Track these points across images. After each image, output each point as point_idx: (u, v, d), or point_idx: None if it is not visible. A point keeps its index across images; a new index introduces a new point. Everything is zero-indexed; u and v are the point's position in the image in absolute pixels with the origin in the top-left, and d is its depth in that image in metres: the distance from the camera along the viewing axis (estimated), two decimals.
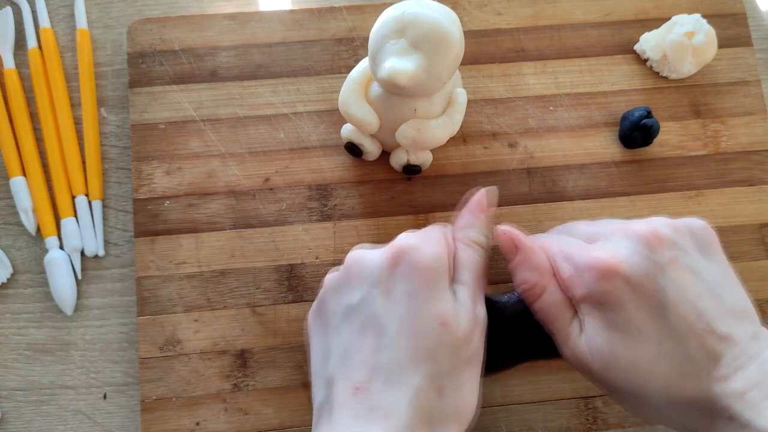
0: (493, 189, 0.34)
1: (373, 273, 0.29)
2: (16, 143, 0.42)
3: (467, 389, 0.28)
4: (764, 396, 0.25)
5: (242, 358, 0.38)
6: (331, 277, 0.31)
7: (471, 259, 0.31)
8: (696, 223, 0.30)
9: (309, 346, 0.31)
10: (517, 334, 0.33)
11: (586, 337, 0.28)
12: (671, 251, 0.28)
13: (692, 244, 0.29)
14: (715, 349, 0.26)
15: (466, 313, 0.28)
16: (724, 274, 0.29)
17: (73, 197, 0.41)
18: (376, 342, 0.28)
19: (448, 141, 0.38)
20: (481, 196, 0.33)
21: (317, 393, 0.29)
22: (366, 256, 0.30)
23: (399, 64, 0.32)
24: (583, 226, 0.32)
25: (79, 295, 0.40)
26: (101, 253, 0.41)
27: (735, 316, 0.27)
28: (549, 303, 0.30)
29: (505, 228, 0.31)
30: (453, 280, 0.30)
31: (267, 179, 0.41)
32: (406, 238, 0.29)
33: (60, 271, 0.40)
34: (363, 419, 0.26)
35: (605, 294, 0.28)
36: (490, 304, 0.32)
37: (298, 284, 0.39)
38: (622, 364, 0.27)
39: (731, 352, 0.26)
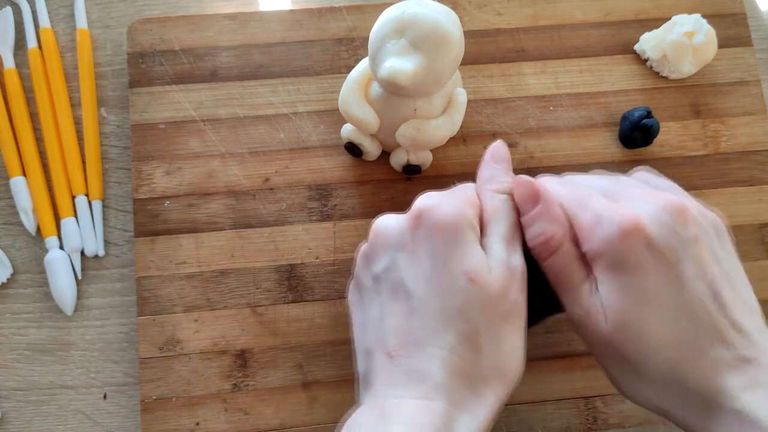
0: (502, 142, 0.33)
1: (396, 238, 0.29)
2: (16, 143, 0.42)
3: (509, 345, 0.27)
4: None
5: (242, 358, 0.38)
6: (361, 250, 0.31)
7: (499, 210, 0.30)
8: (713, 215, 0.29)
9: (351, 322, 0.31)
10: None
11: (601, 296, 0.28)
12: (696, 230, 0.27)
13: (713, 232, 0.28)
14: (727, 334, 0.26)
15: (498, 266, 0.28)
16: (738, 268, 0.29)
17: (73, 197, 0.41)
18: (405, 306, 0.28)
19: (448, 141, 0.38)
20: (497, 147, 0.32)
21: (359, 366, 0.29)
22: (388, 223, 0.30)
23: (399, 64, 0.32)
24: (601, 181, 0.31)
25: (79, 295, 0.40)
26: (101, 253, 0.41)
27: (747, 307, 0.27)
28: (564, 259, 0.29)
29: (527, 177, 0.30)
30: (483, 233, 0.29)
31: (267, 179, 0.41)
32: (425, 199, 0.29)
33: (60, 271, 0.40)
34: (399, 385, 0.26)
35: (624, 254, 0.27)
36: None
37: (298, 284, 0.39)
38: (633, 328, 0.27)
39: (742, 342, 0.26)
